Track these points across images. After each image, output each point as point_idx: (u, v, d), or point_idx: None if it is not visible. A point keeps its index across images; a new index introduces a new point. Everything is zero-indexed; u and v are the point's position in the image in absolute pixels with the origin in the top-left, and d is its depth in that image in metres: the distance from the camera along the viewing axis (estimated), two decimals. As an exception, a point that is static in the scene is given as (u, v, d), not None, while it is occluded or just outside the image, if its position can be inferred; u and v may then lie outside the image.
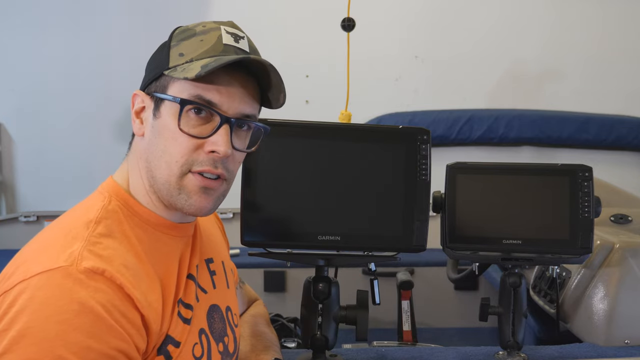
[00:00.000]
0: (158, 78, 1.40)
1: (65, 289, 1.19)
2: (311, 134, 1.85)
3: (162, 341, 1.33)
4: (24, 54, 5.08)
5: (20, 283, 1.21)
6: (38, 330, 1.16)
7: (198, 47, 1.39)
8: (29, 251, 1.31)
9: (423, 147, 1.86)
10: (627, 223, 2.73)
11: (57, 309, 1.17)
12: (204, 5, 4.93)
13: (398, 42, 5.10)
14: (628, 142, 4.99)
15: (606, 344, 2.19)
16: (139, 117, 1.44)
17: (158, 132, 1.39)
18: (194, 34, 1.41)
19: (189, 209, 1.40)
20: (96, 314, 1.19)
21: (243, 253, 3.44)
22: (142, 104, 1.43)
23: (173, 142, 1.37)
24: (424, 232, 1.86)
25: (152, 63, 1.46)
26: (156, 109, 1.39)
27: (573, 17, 5.10)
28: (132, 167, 1.46)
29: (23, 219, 4.07)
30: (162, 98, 1.38)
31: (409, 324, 2.94)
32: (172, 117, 1.36)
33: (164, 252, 1.42)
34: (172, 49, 1.40)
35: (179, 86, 1.37)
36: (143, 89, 1.45)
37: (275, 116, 1.74)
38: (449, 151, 4.92)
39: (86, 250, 1.25)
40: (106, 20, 4.97)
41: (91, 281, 1.21)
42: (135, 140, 1.46)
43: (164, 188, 1.39)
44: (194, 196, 1.38)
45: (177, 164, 1.37)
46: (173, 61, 1.38)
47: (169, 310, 1.37)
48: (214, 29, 1.41)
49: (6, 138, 5.18)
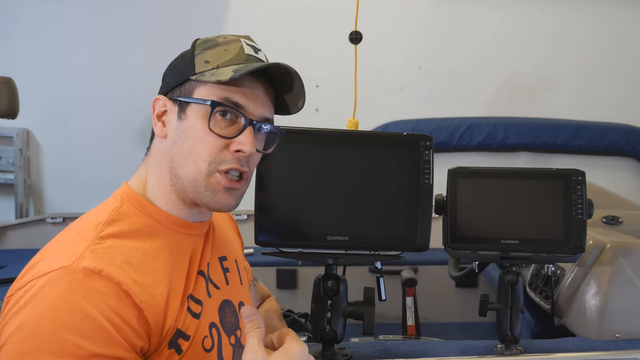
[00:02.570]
0: (182, 83, 1.42)
1: (62, 288, 1.20)
2: (321, 141, 1.86)
3: (172, 335, 1.34)
4: (51, 64, 5.10)
5: (30, 282, 1.23)
6: (34, 325, 1.17)
7: (222, 56, 1.41)
8: (43, 252, 1.32)
9: (426, 153, 1.87)
10: (617, 224, 2.73)
11: (52, 307, 1.18)
12: (221, 19, 4.94)
13: (402, 54, 5.11)
14: (619, 148, 4.99)
15: (598, 337, 2.19)
16: (160, 120, 1.44)
17: (184, 133, 1.40)
18: (217, 44, 1.43)
19: (214, 205, 1.41)
20: (87, 314, 1.19)
21: (257, 252, 3.44)
22: (164, 108, 1.44)
23: (201, 142, 1.38)
24: (427, 232, 1.87)
25: (173, 70, 1.47)
26: (181, 111, 1.40)
27: (568, 31, 5.10)
28: (151, 168, 1.47)
29: (50, 220, 4.07)
30: (189, 101, 1.39)
31: (412, 319, 2.94)
32: (200, 119, 1.38)
33: (174, 250, 1.42)
34: (196, 57, 1.42)
35: (207, 90, 1.38)
36: (165, 94, 1.45)
37: (287, 124, 1.75)
38: (450, 157, 4.92)
39: (88, 250, 1.26)
40: (128, 31, 4.99)
41: (87, 280, 1.21)
42: (156, 142, 1.47)
43: (190, 185, 1.40)
44: (219, 194, 1.40)
45: (205, 163, 1.38)
46: (199, 67, 1.40)
47: (178, 305, 1.36)
48: (235, 41, 1.44)
49: (34, 144, 5.20)
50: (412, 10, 5.08)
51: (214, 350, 1.45)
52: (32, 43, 5.07)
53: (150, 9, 5.03)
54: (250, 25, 4.84)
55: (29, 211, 5.20)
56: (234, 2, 5.03)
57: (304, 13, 5.03)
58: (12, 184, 5.12)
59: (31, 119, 5.02)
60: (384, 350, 2.11)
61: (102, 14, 5.04)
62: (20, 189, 5.11)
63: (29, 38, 5.06)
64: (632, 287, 2.21)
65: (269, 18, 5.00)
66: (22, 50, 5.08)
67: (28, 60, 5.07)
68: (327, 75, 4.77)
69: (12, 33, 5.08)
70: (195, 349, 1.39)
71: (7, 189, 5.18)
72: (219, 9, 5.01)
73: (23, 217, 4.93)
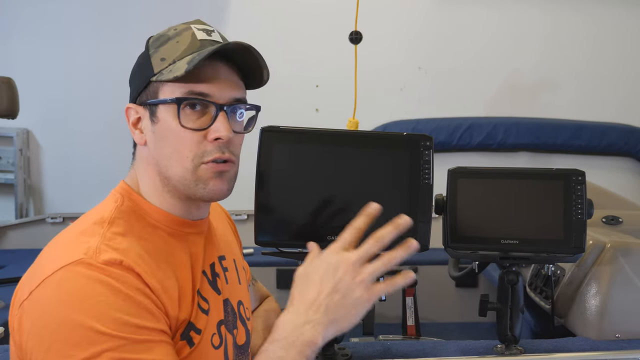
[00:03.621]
0: (146, 87, 1.41)
1: (92, 277, 1.21)
2: (321, 141, 1.86)
3: (184, 327, 1.34)
4: (51, 64, 5.10)
5: (42, 282, 1.23)
6: (73, 318, 1.17)
7: (176, 49, 1.40)
8: (47, 252, 1.33)
9: (426, 153, 1.86)
10: (617, 224, 2.73)
11: (87, 295, 1.19)
12: (221, 19, 4.94)
13: (402, 54, 5.11)
14: (619, 148, 4.99)
15: (598, 337, 2.19)
16: (137, 128, 1.45)
17: (161, 135, 1.40)
18: (168, 38, 1.43)
19: (207, 195, 1.41)
20: (126, 294, 1.22)
21: (257, 252, 3.43)
22: (137, 115, 1.44)
23: (178, 140, 1.38)
24: (427, 232, 1.86)
25: (136, 75, 1.46)
26: (152, 115, 1.40)
27: (567, 31, 5.10)
28: (140, 174, 1.47)
29: (50, 220, 4.07)
30: (156, 103, 1.39)
31: (412, 319, 2.94)
32: (172, 118, 1.38)
33: (175, 248, 1.43)
34: (152, 56, 1.42)
35: (169, 88, 1.38)
36: (133, 101, 1.45)
37: (287, 124, 1.75)
38: (450, 157, 4.92)
39: (103, 244, 1.27)
40: (128, 31, 4.96)
41: (112, 269, 1.23)
42: (138, 149, 1.47)
43: (180, 184, 1.40)
44: (210, 182, 1.40)
45: (188, 159, 1.38)
46: (157, 67, 1.40)
47: (189, 299, 1.38)
48: (185, 29, 1.43)
49: (34, 144, 5.20)
50: (412, 10, 5.07)
51: (221, 348, 1.46)
52: (32, 43, 5.07)
53: (150, 9, 5.03)
54: (250, 25, 4.84)
55: (29, 211, 5.20)
56: (234, 2, 5.03)
57: (303, 13, 5.02)
58: (12, 184, 5.12)
59: (31, 119, 5.01)
60: (384, 350, 2.11)
61: (102, 14, 5.04)
62: (20, 189, 5.11)
63: (29, 38, 5.06)
64: (632, 287, 2.21)
65: (269, 18, 5.00)
66: (22, 50, 5.08)
67: (28, 60, 5.06)
68: (327, 75, 4.77)
69: (12, 33, 5.08)
70: (205, 344, 1.40)
71: (7, 189, 5.17)
72: (219, 9, 5.01)
73: (23, 217, 4.92)
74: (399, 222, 1.39)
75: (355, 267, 1.34)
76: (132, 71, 1.49)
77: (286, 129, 1.76)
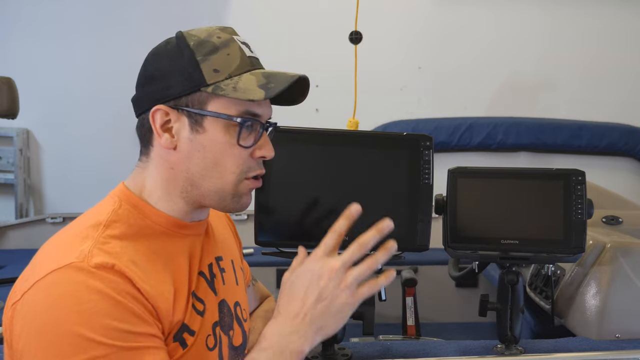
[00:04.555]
0: (191, 93, 1.37)
1: (81, 282, 1.20)
2: (321, 141, 1.86)
3: (177, 329, 1.34)
4: (51, 64, 5.09)
5: (34, 285, 1.22)
6: (62, 324, 1.17)
7: (229, 63, 1.38)
8: (41, 254, 1.33)
9: (426, 153, 1.86)
10: (617, 224, 2.73)
11: (77, 300, 1.19)
12: (221, 19, 4.93)
13: (402, 54, 5.11)
14: (619, 148, 4.99)
15: (598, 337, 2.19)
16: (166, 131, 1.39)
17: (204, 146, 1.38)
18: (216, 47, 1.39)
19: (238, 208, 1.46)
20: (116, 300, 1.21)
21: (257, 252, 3.43)
22: (167, 118, 1.38)
23: (227, 155, 1.39)
24: (427, 232, 1.86)
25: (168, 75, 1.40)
26: (196, 124, 1.38)
27: (567, 32, 5.10)
28: (151, 175, 1.44)
29: (50, 220, 4.07)
30: (206, 115, 1.37)
31: (412, 319, 2.94)
32: (222, 132, 1.38)
33: (173, 250, 1.42)
34: (201, 64, 1.37)
35: (225, 102, 1.37)
36: (163, 102, 1.39)
37: (287, 124, 1.75)
38: (450, 157, 4.91)
39: (96, 248, 1.26)
40: (128, 31, 4.97)
41: (103, 273, 1.22)
42: (160, 152, 1.42)
43: (215, 195, 1.42)
44: (244, 197, 1.45)
45: (234, 174, 1.41)
46: (209, 77, 1.36)
47: (184, 301, 1.38)
48: (230, 40, 1.41)
49: (34, 144, 5.20)
50: (412, 10, 5.07)
51: (215, 350, 1.45)
52: (32, 43, 5.06)
53: (151, 9, 5.02)
54: (251, 25, 4.81)
55: (29, 211, 5.20)
56: (234, 2, 5.03)
57: (304, 13, 5.02)
58: (12, 184, 5.11)
59: (31, 119, 5.00)
60: (384, 350, 2.11)
61: (102, 14, 5.03)
62: (20, 189, 5.11)
63: (29, 38, 5.06)
64: (632, 287, 2.21)
65: (269, 18, 5.00)
66: (22, 50, 5.08)
67: (28, 60, 5.06)
68: (327, 75, 4.76)
69: (12, 33, 5.07)
70: (199, 346, 1.40)
71: (7, 189, 5.17)
72: (220, 9, 5.02)
73: (23, 217, 4.92)
74: (382, 226, 1.41)
75: (338, 274, 1.37)
76: (163, 71, 1.42)
77: (286, 129, 1.76)
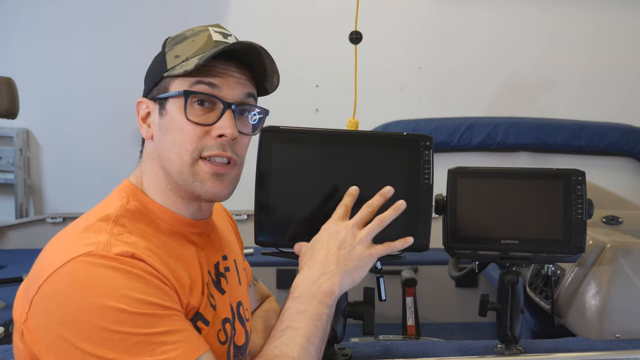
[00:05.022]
0: (158, 82, 1.44)
1: (108, 265, 1.21)
2: (321, 141, 1.85)
3: (193, 315, 1.35)
4: (51, 64, 5.10)
5: (51, 275, 1.21)
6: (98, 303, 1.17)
7: (191, 47, 1.42)
8: (49, 250, 1.32)
9: (426, 153, 1.86)
10: (617, 224, 2.73)
11: (108, 280, 1.19)
12: (221, 19, 4.93)
13: (402, 54, 5.11)
14: (619, 148, 5.00)
15: (598, 337, 2.19)
16: (145, 122, 1.47)
17: (165, 128, 1.41)
18: (185, 37, 1.45)
19: (205, 195, 1.43)
20: (145, 278, 1.23)
21: (257, 252, 3.44)
22: (147, 110, 1.47)
23: (181, 132, 1.40)
24: (427, 232, 1.86)
25: (150, 73, 1.50)
26: (161, 108, 1.42)
27: (567, 32, 5.11)
28: (145, 170, 1.48)
29: (50, 220, 4.08)
30: (166, 97, 1.41)
31: (412, 319, 2.94)
32: (178, 111, 1.39)
33: (182, 247, 1.43)
34: (167, 54, 1.44)
35: (180, 82, 1.40)
36: (145, 96, 1.48)
37: (287, 124, 1.75)
38: (450, 156, 4.92)
39: (112, 239, 1.27)
40: (128, 31, 4.98)
41: (126, 259, 1.23)
42: (146, 144, 1.49)
43: (179, 178, 1.41)
44: (208, 182, 1.41)
45: (187, 152, 1.39)
46: (170, 63, 1.42)
47: (199, 290, 1.39)
48: (203, 31, 1.45)
49: (34, 144, 5.20)
50: (412, 10, 5.08)
51: (226, 345, 1.46)
52: (32, 43, 5.07)
53: (151, 9, 5.03)
54: (250, 26, 4.83)
55: (29, 211, 5.20)
56: (234, 3, 5.03)
57: (304, 13, 5.02)
58: (12, 184, 5.12)
59: (31, 119, 5.01)
60: (384, 350, 2.11)
61: (102, 14, 5.04)
62: (20, 189, 5.11)
63: (29, 38, 5.06)
64: (632, 287, 2.21)
65: (269, 18, 5.00)
66: (22, 50, 5.08)
67: (28, 60, 5.06)
68: (327, 75, 4.77)
69: (12, 33, 5.07)
70: (212, 337, 1.41)
71: (7, 189, 5.17)
72: (220, 9, 5.02)
73: (23, 217, 4.92)
74: (384, 191, 1.62)
75: (353, 230, 1.52)
76: (148, 70, 1.52)
77: (286, 129, 1.76)
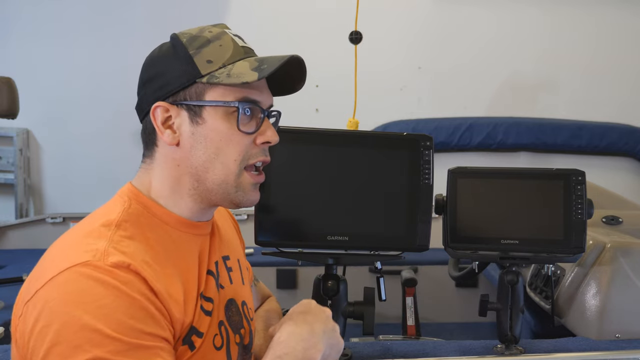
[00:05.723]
0: (187, 87, 1.38)
1: (98, 279, 1.20)
2: (321, 141, 1.86)
3: (186, 332, 1.34)
4: (51, 64, 5.09)
5: (48, 282, 1.22)
6: (78, 319, 1.16)
7: (222, 53, 1.40)
8: (52, 253, 1.32)
9: (426, 153, 1.87)
10: (617, 224, 2.73)
11: (95, 296, 1.18)
12: (221, 19, 4.92)
13: (402, 54, 5.11)
14: (619, 148, 4.99)
15: (598, 337, 2.19)
16: (167, 128, 1.40)
17: (204, 137, 1.38)
18: (208, 40, 1.41)
19: (246, 204, 1.46)
20: (132, 298, 1.21)
21: (257, 252, 3.43)
22: (167, 114, 1.40)
23: (229, 143, 1.39)
24: (427, 232, 1.87)
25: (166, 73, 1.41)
26: (195, 116, 1.38)
27: (567, 32, 5.10)
28: (157, 174, 1.45)
29: (50, 220, 4.07)
30: (203, 105, 1.38)
31: (412, 319, 2.95)
32: (222, 120, 1.38)
33: (183, 250, 1.42)
34: (194, 57, 1.38)
35: (222, 91, 1.38)
36: (163, 99, 1.40)
37: (287, 124, 1.75)
38: (450, 157, 4.91)
39: (111, 247, 1.26)
40: (128, 31, 4.98)
41: (120, 272, 1.22)
42: (164, 150, 1.43)
43: (220, 188, 1.41)
44: (250, 192, 1.45)
45: (236, 162, 1.40)
46: (204, 68, 1.37)
47: (192, 303, 1.37)
48: (222, 33, 1.43)
49: (34, 144, 5.20)
50: (412, 10, 5.07)
51: (223, 349, 1.45)
52: (32, 43, 5.06)
53: (151, 9, 5.03)
54: (250, 25, 4.83)
55: (29, 211, 5.20)
56: (234, 2, 5.03)
57: (303, 13, 5.02)
58: (12, 184, 5.11)
59: (31, 119, 5.00)
60: (384, 350, 2.11)
61: (102, 14, 5.04)
62: (20, 189, 5.11)
63: (29, 38, 5.06)
64: (632, 287, 2.21)
65: (269, 18, 5.00)
66: (22, 50, 5.07)
67: (28, 60, 5.05)
68: (327, 75, 4.76)
69: (12, 33, 5.07)
70: (207, 347, 1.40)
71: (7, 189, 5.17)
72: (220, 9, 5.02)
73: (23, 217, 4.92)
74: None
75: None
76: (154, 70, 1.45)
77: (286, 129, 1.76)
